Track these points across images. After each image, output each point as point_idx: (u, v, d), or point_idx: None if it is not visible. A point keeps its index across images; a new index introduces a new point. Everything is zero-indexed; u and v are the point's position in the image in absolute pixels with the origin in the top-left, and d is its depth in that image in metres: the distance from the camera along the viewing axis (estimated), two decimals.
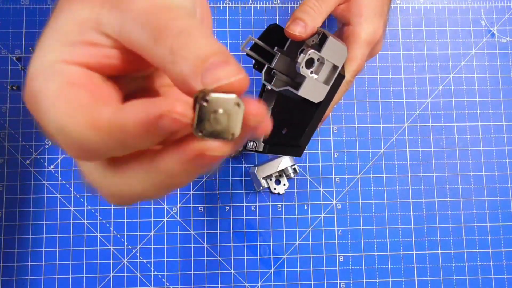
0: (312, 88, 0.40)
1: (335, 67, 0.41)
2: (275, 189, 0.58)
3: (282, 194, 0.59)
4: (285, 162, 0.56)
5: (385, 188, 0.59)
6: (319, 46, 0.40)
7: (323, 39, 0.40)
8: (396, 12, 0.63)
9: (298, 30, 0.40)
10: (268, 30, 0.42)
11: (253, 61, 0.43)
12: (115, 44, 0.23)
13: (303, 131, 0.43)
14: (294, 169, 0.57)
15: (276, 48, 0.42)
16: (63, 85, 0.22)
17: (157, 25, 0.21)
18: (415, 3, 0.64)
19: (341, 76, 0.42)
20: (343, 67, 0.42)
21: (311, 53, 0.39)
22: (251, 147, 0.44)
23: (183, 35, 0.21)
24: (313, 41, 0.42)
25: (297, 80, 0.43)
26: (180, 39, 0.21)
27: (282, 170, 0.57)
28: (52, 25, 0.24)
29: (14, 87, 0.59)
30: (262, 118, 0.21)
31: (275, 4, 0.63)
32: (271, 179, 0.58)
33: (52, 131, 0.22)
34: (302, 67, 0.39)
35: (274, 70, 0.42)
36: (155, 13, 0.22)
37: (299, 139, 0.43)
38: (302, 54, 0.39)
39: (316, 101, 0.41)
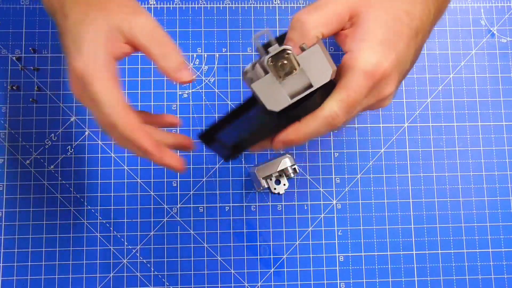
0: (270, 90, 0.35)
1: (309, 86, 0.35)
2: (275, 189, 0.58)
3: (282, 194, 0.59)
4: (285, 162, 0.56)
5: (385, 188, 0.59)
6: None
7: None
8: None
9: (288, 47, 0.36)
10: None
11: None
12: (127, 41, 0.38)
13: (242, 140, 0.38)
14: (294, 169, 0.57)
15: None
16: (114, 83, 0.37)
17: (156, 38, 0.39)
18: None
19: (314, 102, 0.36)
20: (320, 92, 0.36)
21: (289, 49, 0.34)
22: None
23: (170, 46, 0.39)
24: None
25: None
26: (168, 49, 0.39)
27: (282, 170, 0.57)
28: (82, 32, 0.37)
29: (14, 87, 0.59)
30: None
31: (275, 4, 0.63)
32: (271, 179, 0.58)
33: (101, 102, 0.36)
34: (269, 60, 0.34)
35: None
36: (154, 29, 0.39)
37: (234, 145, 0.39)
38: (276, 45, 0.34)
39: (268, 107, 0.35)
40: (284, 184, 0.58)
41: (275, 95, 0.35)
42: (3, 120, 0.59)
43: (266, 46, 0.35)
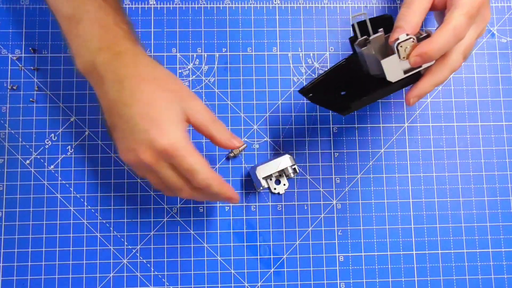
0: (393, 66, 0.46)
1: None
2: (275, 189, 0.58)
3: (282, 194, 0.59)
4: (285, 162, 0.56)
5: (385, 188, 0.59)
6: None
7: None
8: (396, 12, 0.63)
9: (397, 36, 0.45)
10: (382, 17, 0.48)
11: (351, 34, 0.48)
12: (187, 119, 0.47)
13: (360, 97, 0.48)
14: (294, 169, 0.57)
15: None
16: (199, 153, 0.46)
17: (210, 117, 0.48)
18: None
19: (418, 74, 0.48)
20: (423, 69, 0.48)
21: (413, 38, 0.44)
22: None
23: (220, 123, 0.49)
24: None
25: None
26: (220, 125, 0.49)
27: (282, 170, 0.57)
28: (160, 109, 0.45)
29: (14, 87, 0.59)
30: None
31: (275, 4, 0.63)
32: (271, 179, 0.58)
33: (198, 171, 0.45)
34: (398, 44, 0.44)
35: (370, 41, 0.47)
36: (207, 110, 0.48)
37: (352, 102, 0.48)
38: (404, 34, 0.44)
39: (389, 78, 0.47)
40: (284, 184, 0.58)
41: (395, 70, 0.47)
42: (3, 120, 0.59)
43: (360, 24, 0.46)
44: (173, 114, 0.45)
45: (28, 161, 0.58)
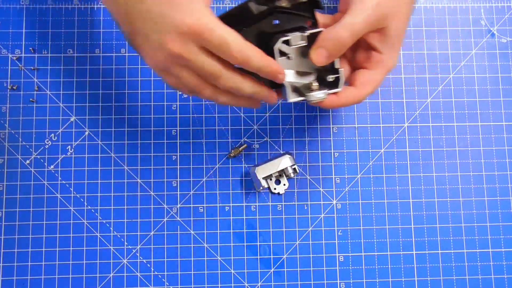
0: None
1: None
2: (275, 189, 0.58)
3: (282, 194, 0.59)
4: (285, 162, 0.56)
5: (385, 188, 0.59)
6: None
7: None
8: None
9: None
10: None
11: None
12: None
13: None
14: (294, 169, 0.57)
15: None
16: (225, 26, 0.41)
17: None
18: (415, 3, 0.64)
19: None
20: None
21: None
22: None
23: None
24: None
25: None
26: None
27: (282, 170, 0.57)
28: None
29: (14, 87, 0.59)
30: None
31: None
32: (271, 179, 0.58)
33: (231, 42, 0.41)
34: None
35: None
36: None
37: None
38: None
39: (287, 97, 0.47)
40: (284, 184, 0.58)
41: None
42: (3, 120, 0.59)
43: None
44: None
45: (28, 161, 0.58)
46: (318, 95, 0.46)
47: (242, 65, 0.43)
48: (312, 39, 0.45)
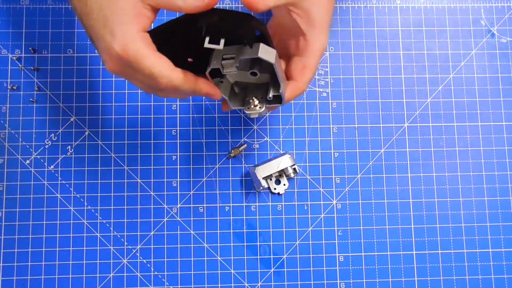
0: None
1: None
2: (275, 189, 0.58)
3: (282, 194, 0.59)
4: (285, 162, 0.56)
5: (385, 188, 0.59)
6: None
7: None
8: (396, 12, 0.63)
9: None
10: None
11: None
12: (151, 8, 0.40)
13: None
14: (294, 169, 0.57)
15: None
16: (156, 53, 0.40)
17: None
18: (415, 3, 0.64)
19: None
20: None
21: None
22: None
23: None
24: None
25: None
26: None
27: (282, 170, 0.57)
28: (110, 15, 0.39)
29: (14, 87, 0.59)
30: None
31: None
32: (271, 179, 0.58)
33: (157, 75, 0.40)
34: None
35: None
36: None
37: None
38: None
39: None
40: (284, 184, 0.58)
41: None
42: (3, 120, 0.59)
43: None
44: (124, 13, 0.39)
45: (28, 161, 0.58)
46: (258, 109, 0.47)
47: (173, 93, 0.44)
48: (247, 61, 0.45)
